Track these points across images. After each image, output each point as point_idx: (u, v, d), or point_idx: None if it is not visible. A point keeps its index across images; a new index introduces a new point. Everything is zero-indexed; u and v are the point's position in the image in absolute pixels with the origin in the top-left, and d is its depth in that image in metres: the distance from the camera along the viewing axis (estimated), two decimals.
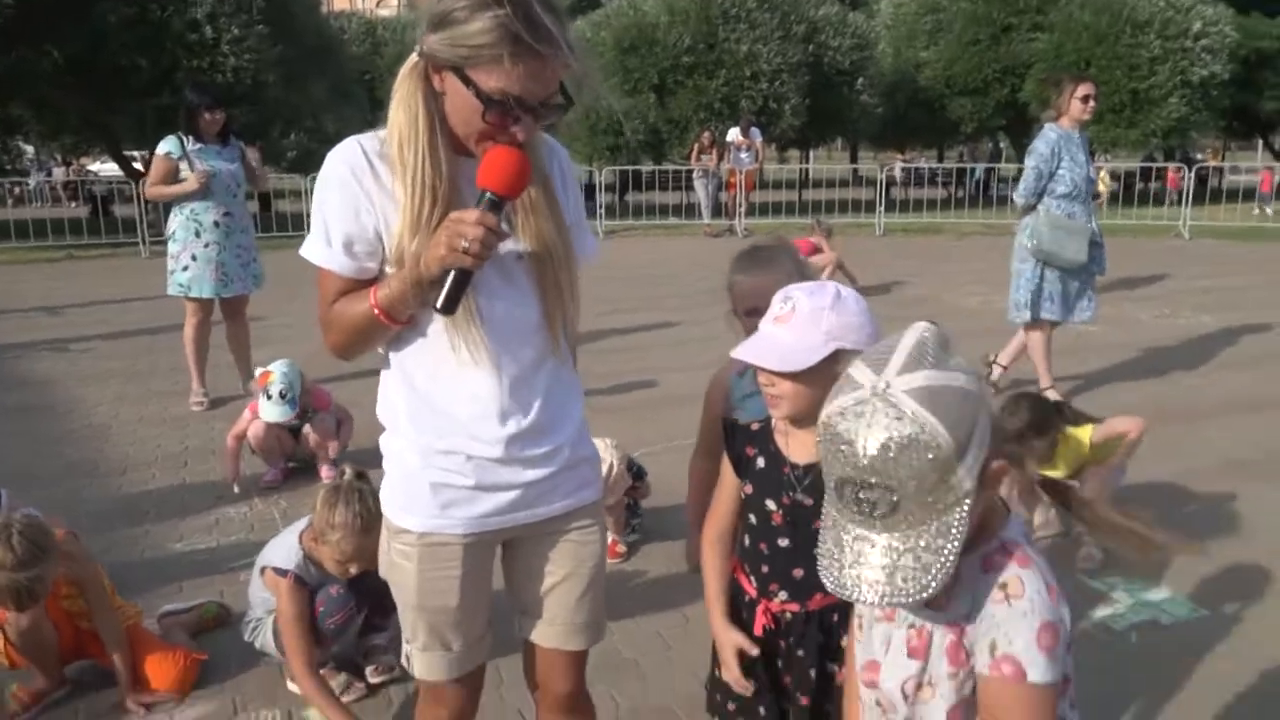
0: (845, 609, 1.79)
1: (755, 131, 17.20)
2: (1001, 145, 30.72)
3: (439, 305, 1.51)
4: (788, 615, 1.79)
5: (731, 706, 1.89)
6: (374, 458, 3.05)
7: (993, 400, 1.48)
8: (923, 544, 1.15)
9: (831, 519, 1.23)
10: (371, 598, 2.92)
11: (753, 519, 1.81)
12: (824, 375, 1.59)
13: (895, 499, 1.14)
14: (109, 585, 2.95)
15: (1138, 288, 10.21)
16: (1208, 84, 20.56)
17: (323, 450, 4.67)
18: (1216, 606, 3.36)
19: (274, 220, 15.73)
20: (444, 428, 1.66)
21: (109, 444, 5.29)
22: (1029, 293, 5.67)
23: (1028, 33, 22.13)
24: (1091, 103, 5.57)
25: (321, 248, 1.63)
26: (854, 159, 32.27)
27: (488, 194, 1.49)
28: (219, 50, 16.07)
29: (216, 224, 5.68)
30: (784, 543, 1.77)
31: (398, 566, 1.75)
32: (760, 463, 1.79)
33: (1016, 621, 1.21)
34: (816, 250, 9.35)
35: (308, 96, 17.68)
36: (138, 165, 18.85)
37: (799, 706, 1.79)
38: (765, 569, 1.80)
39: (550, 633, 1.83)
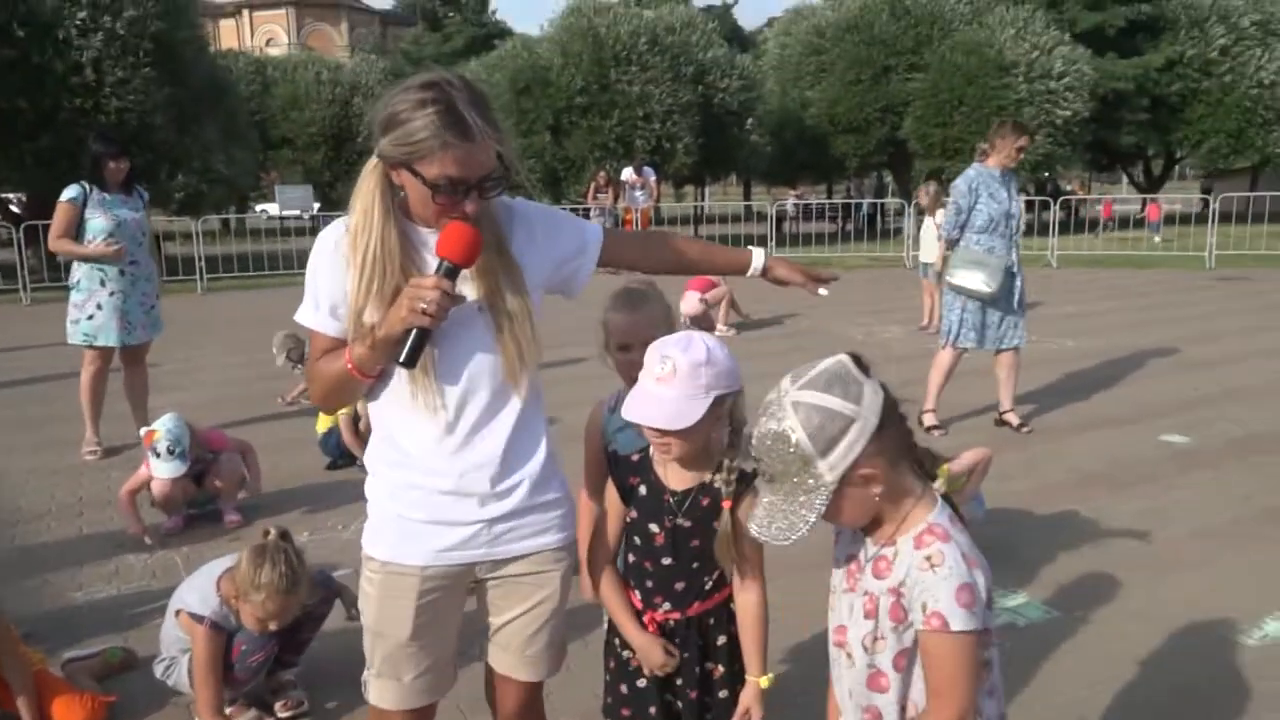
0: (719, 613, 2.02)
1: (648, 170, 17.65)
2: (886, 180, 32.06)
3: (401, 360, 1.72)
4: (670, 623, 2.01)
5: (626, 711, 2.09)
6: (277, 501, 3.15)
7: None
8: (791, 509, 1.54)
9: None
10: (284, 635, 3.03)
11: (637, 540, 2.01)
12: (707, 421, 1.83)
13: (770, 473, 1.55)
14: (14, 631, 2.98)
15: None
16: (1070, 122, 21.97)
17: (230, 493, 4.72)
18: (1066, 609, 3.70)
19: (164, 265, 15.38)
20: (405, 464, 1.86)
21: (1, 496, 5.21)
22: (950, 322, 6.10)
23: (905, 73, 23.32)
24: (1022, 155, 6.02)
25: (310, 311, 1.86)
26: (748, 195, 33.17)
27: (444, 262, 1.71)
28: (102, 92, 15.74)
29: (122, 273, 5.68)
30: (667, 561, 1.98)
31: (364, 592, 1.94)
32: (643, 490, 1.99)
33: (940, 584, 1.52)
34: (713, 285, 9.71)
35: (198, 138, 17.41)
36: (15, 209, 18.22)
37: (689, 700, 2.01)
38: (650, 584, 2.01)
39: (504, 660, 2.01)
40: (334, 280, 1.83)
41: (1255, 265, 15.70)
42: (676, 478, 1.96)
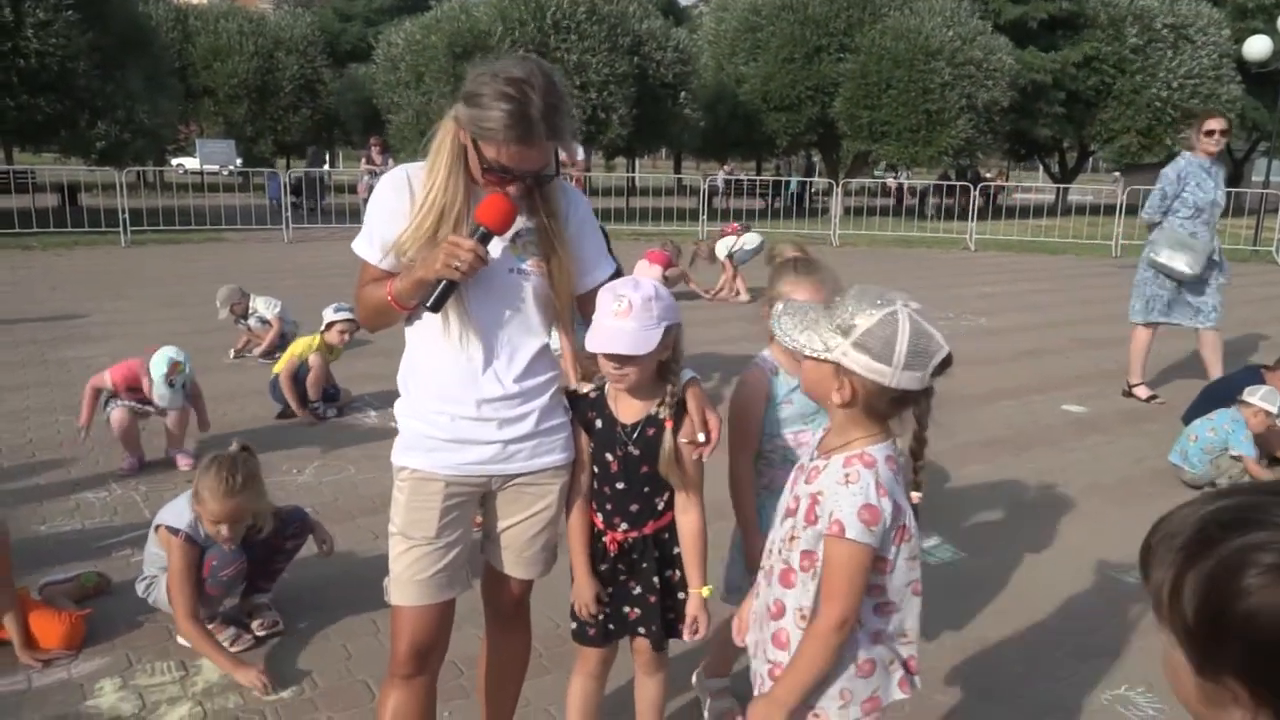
0: (672, 528, 2.30)
1: (577, 147, 17.77)
2: (814, 160, 32.62)
3: (428, 305, 1.97)
4: (629, 540, 2.28)
5: (591, 631, 2.37)
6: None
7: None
8: (796, 330, 1.75)
9: None
10: (258, 562, 3.23)
11: (596, 469, 2.28)
12: (658, 349, 2.09)
13: (831, 306, 1.75)
14: (8, 544, 3.13)
15: (930, 294, 11.37)
16: (990, 108, 22.71)
17: (177, 438, 4.87)
18: (974, 552, 4.12)
19: (84, 215, 15.01)
20: (433, 390, 2.11)
21: None
22: (1141, 299, 6.52)
23: (836, 54, 23.77)
24: (1218, 137, 6.24)
25: (364, 244, 2.10)
26: (678, 169, 33.44)
27: (480, 227, 1.95)
28: (21, 34, 15.20)
29: None
30: (621, 485, 2.25)
31: (394, 500, 2.16)
32: (599, 423, 2.25)
33: (848, 498, 1.70)
34: (671, 263, 10.30)
35: (122, 86, 16.93)
36: None
37: (649, 605, 2.30)
38: (609, 506, 2.28)
39: (504, 559, 2.28)
40: (388, 221, 2.06)
41: None
42: (627, 411, 2.22)
